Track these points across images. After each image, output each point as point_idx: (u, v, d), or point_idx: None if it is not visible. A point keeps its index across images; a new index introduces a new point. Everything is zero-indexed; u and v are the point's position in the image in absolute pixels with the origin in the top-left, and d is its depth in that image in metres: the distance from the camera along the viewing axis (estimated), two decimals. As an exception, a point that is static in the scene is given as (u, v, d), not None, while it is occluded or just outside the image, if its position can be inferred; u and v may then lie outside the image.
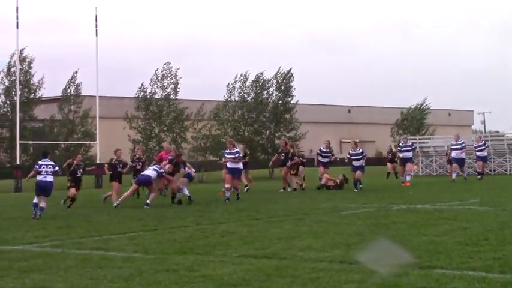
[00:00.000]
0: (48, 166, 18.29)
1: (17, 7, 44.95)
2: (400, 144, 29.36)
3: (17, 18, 44.99)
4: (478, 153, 31.21)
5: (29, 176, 19.05)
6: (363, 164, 25.39)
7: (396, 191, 23.64)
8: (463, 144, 30.22)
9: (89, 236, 12.81)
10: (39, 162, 18.52)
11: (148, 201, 20.03)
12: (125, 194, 21.43)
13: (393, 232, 11.65)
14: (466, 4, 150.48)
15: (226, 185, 21.66)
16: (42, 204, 17.74)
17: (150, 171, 20.99)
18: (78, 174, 22.39)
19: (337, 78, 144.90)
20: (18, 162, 45.97)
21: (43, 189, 18.00)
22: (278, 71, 60.72)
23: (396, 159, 33.94)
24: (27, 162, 55.14)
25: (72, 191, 21.52)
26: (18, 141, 45.16)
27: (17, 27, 45.05)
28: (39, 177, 18.16)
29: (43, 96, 56.76)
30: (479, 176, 30.32)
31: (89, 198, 27.79)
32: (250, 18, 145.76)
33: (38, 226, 15.10)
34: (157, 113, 55.64)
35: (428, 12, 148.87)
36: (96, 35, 48.52)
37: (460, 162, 29.92)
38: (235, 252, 10.03)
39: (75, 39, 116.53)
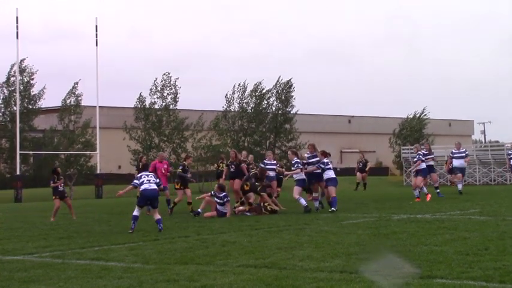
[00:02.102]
0: (150, 176, 16.59)
1: (17, 17, 45.19)
2: (453, 151, 27.26)
3: (17, 29, 45.22)
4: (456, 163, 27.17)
5: (124, 191, 16.77)
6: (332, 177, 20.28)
7: (397, 201, 23.61)
8: (467, 153, 28.28)
9: (89, 247, 12.80)
10: (139, 175, 16.86)
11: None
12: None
13: (393, 242, 11.65)
14: (467, 15, 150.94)
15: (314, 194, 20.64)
16: (157, 216, 15.80)
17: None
18: (60, 188, 21.74)
19: (338, 88, 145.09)
20: (18, 173, 46.00)
21: (150, 199, 16.19)
22: (278, 81, 60.82)
23: (367, 169, 33.06)
24: (27, 172, 55.23)
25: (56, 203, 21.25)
26: (18, 152, 45.21)
27: (17, 38, 45.26)
28: (144, 187, 16.14)
29: (43, 107, 56.85)
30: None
31: (89, 208, 27.78)
32: (251, 29, 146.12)
33: (38, 236, 15.09)
34: (157, 123, 55.74)
35: (429, 23, 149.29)
36: (96, 45, 48.76)
37: (463, 171, 28.03)
38: (236, 262, 10.03)
39: (77, 50, 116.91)
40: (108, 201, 36.46)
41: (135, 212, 15.80)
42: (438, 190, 25.58)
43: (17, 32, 45.14)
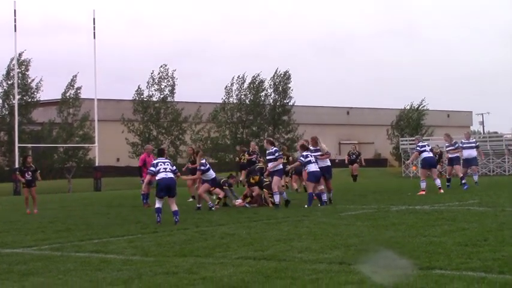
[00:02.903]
0: (166, 164, 15.90)
1: (15, 10, 45.03)
2: (462, 140, 26.07)
3: (15, 22, 45.08)
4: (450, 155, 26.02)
5: (145, 182, 16.32)
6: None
7: (395, 193, 23.63)
8: (477, 144, 27.29)
9: (88, 239, 12.80)
10: (155, 162, 16.11)
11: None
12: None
13: (392, 233, 11.66)
14: (466, 6, 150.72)
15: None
16: (174, 207, 15.36)
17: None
18: (28, 177, 21.76)
19: (336, 79, 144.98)
20: (16, 166, 45.96)
21: (168, 189, 15.60)
22: (275, 73, 60.74)
23: (358, 160, 32.55)
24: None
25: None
26: (16, 145, 45.16)
27: (15, 30, 45.14)
28: (161, 176, 15.58)
29: (42, 100, 56.75)
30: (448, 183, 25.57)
31: (88, 201, 27.78)
32: (249, 20, 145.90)
33: (37, 229, 15.09)
34: (155, 115, 55.69)
35: (428, 14, 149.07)
36: (94, 38, 48.64)
37: (475, 161, 26.57)
38: (235, 254, 10.04)
39: (75, 42, 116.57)
40: (107, 194, 36.46)
41: (157, 204, 15.34)
42: (464, 181, 24.64)
43: (15, 25, 45.02)
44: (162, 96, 56.25)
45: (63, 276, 8.80)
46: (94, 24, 48.54)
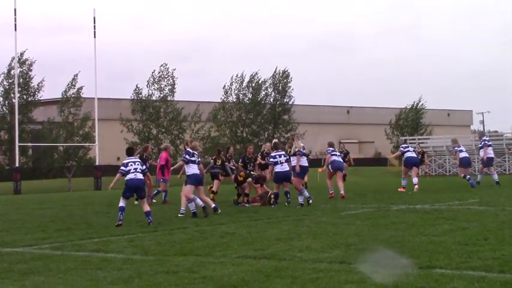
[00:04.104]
0: (137, 163, 15.62)
1: (15, 9, 45.07)
2: (484, 138, 27.09)
3: (15, 21, 45.16)
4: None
5: (113, 182, 15.80)
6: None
7: (395, 192, 23.63)
8: (483, 143, 27.24)
9: (88, 238, 12.80)
10: (126, 161, 15.71)
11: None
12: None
13: (392, 232, 11.65)
14: (466, 6, 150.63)
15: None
16: (146, 208, 15.18)
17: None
18: None
19: (337, 78, 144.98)
20: (17, 165, 45.97)
21: (136, 190, 15.45)
22: (275, 72, 60.69)
23: (347, 159, 32.08)
24: (26, 164, 55.21)
25: None
26: (17, 144, 45.18)
27: (15, 30, 45.21)
28: (129, 176, 15.34)
29: (42, 99, 56.76)
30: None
31: (88, 200, 27.79)
32: (249, 20, 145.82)
33: (37, 228, 15.09)
34: (154, 114, 55.65)
35: (428, 14, 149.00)
36: (95, 37, 48.71)
37: (491, 161, 27.13)
38: (235, 253, 10.04)
39: (76, 42, 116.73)
40: (107, 193, 36.43)
41: (121, 203, 15.23)
42: (498, 180, 25.55)
43: (15, 24, 45.06)
44: (162, 95, 56.22)
45: (63, 275, 8.81)
46: (94, 23, 48.63)
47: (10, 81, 52.99)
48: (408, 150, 24.85)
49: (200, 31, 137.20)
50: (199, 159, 17.16)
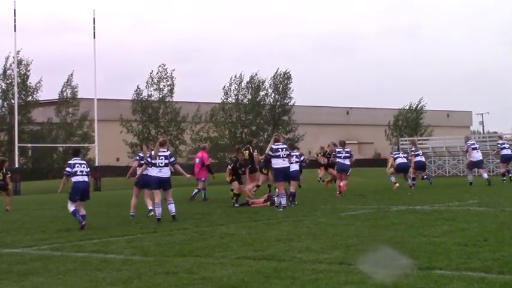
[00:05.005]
0: (83, 166, 15.40)
1: (15, 10, 45.01)
2: (499, 142, 29.06)
3: (15, 22, 45.05)
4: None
5: (61, 186, 15.64)
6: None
7: (395, 193, 23.62)
8: (498, 143, 28.93)
9: (88, 239, 12.79)
10: (72, 162, 15.47)
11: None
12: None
13: (392, 233, 11.65)
14: (466, 6, 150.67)
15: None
16: (82, 212, 15.10)
17: None
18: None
19: (336, 79, 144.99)
20: (16, 165, 45.95)
21: (82, 193, 15.25)
22: (276, 73, 60.66)
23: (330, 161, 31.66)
24: (25, 165, 55.21)
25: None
26: (16, 144, 45.14)
27: (15, 30, 45.12)
28: (76, 179, 15.18)
29: (41, 99, 56.75)
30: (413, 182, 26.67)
31: (88, 201, 27.72)
32: (249, 20, 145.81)
33: (37, 229, 15.09)
34: (153, 115, 55.64)
35: (428, 14, 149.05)
36: (94, 37, 48.64)
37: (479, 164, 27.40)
38: (235, 254, 10.03)
39: (77, 42, 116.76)
40: (107, 194, 36.45)
41: (70, 208, 15.04)
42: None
43: (15, 25, 45.00)
44: (161, 96, 56.20)
45: (62, 276, 8.80)
46: (94, 24, 48.58)
47: (7, 82, 52.90)
48: (399, 156, 26.17)
49: (200, 31, 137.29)
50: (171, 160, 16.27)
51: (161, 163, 16.09)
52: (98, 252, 10.90)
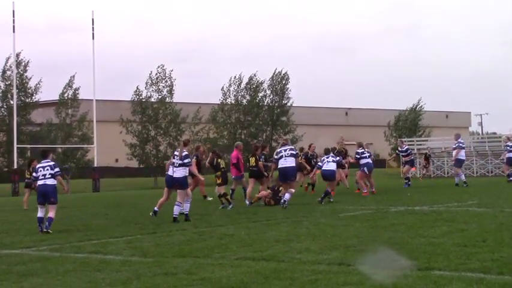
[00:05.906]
0: (46, 168, 15.16)
1: (13, 11, 44.98)
2: (508, 144, 29.19)
3: (14, 22, 45.02)
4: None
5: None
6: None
7: (394, 193, 23.62)
8: (464, 145, 28.43)
9: (87, 240, 12.79)
10: (37, 166, 15.49)
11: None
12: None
13: (391, 234, 11.65)
14: (465, 6, 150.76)
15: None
16: (50, 214, 14.83)
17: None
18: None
19: (335, 80, 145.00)
20: (15, 166, 45.91)
21: (44, 196, 15.12)
22: (274, 74, 60.59)
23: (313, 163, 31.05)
24: (24, 166, 55.11)
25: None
26: (15, 145, 45.10)
27: (14, 31, 45.07)
28: (38, 182, 15.21)
29: (41, 100, 56.66)
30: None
31: (87, 202, 27.76)
32: (249, 21, 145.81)
33: (36, 230, 15.06)
34: (153, 116, 55.54)
35: (428, 14, 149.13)
36: (93, 38, 48.60)
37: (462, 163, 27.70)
38: (234, 254, 10.03)
39: (75, 42, 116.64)
40: (105, 195, 36.45)
41: (39, 213, 15.02)
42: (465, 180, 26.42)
43: (14, 26, 44.95)
44: (160, 96, 56.13)
45: (62, 277, 8.80)
46: (93, 24, 48.55)
47: (6, 83, 52.82)
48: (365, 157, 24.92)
49: (200, 31, 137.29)
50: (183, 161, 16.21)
51: (176, 163, 16.36)
52: (97, 253, 10.89)
